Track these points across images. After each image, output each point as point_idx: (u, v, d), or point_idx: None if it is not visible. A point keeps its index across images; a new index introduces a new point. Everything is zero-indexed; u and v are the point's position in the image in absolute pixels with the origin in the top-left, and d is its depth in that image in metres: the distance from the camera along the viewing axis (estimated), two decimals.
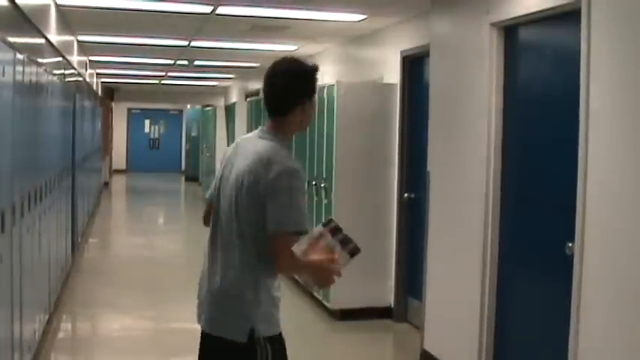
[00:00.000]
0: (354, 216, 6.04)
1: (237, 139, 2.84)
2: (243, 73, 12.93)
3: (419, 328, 5.40)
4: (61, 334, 5.74)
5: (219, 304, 2.62)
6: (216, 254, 2.64)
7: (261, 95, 2.50)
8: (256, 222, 2.52)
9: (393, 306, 6.28)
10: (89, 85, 11.72)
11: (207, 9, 6.24)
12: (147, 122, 23.48)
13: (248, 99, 11.28)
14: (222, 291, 2.59)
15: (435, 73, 5.03)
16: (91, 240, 10.21)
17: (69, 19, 7.17)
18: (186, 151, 21.83)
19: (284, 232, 2.49)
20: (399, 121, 6.23)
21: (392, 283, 6.29)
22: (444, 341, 4.86)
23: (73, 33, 8.19)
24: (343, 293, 6.05)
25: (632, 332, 3.02)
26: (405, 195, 6.15)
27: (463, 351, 4.52)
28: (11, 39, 3.96)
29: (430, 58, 5.08)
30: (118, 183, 19.73)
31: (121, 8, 6.26)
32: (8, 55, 3.62)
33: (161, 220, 14.24)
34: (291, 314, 6.70)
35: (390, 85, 6.38)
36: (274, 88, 2.64)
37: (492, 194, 4.28)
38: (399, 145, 6.24)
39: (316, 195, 6.50)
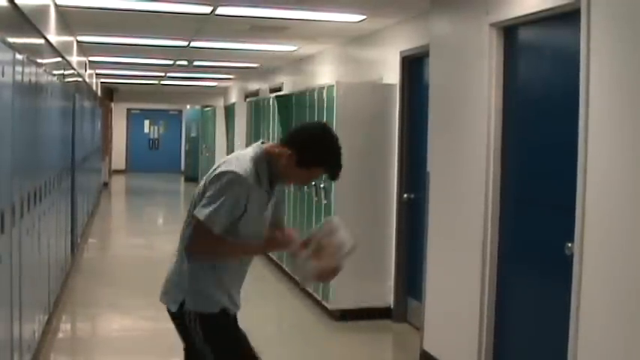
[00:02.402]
0: (354, 216, 6.03)
1: None
2: (242, 73, 12.93)
3: (419, 328, 5.40)
4: (60, 335, 5.73)
5: (168, 275, 2.97)
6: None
7: (261, 96, 2.53)
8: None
9: (392, 306, 6.28)
10: (89, 86, 11.72)
11: (207, 9, 6.24)
12: (146, 122, 23.46)
13: (247, 99, 11.27)
14: (172, 266, 2.97)
15: (435, 73, 5.03)
16: (90, 240, 10.20)
17: (68, 20, 7.17)
18: (186, 152, 21.80)
19: (199, 220, 2.78)
20: (399, 121, 6.23)
21: (392, 283, 6.29)
22: (443, 341, 4.86)
23: (72, 33, 8.19)
24: (343, 293, 6.05)
25: (632, 332, 3.02)
26: (405, 195, 6.15)
27: (463, 351, 4.52)
28: (11, 39, 3.96)
29: (430, 58, 5.08)
30: (118, 183, 19.72)
31: (121, 9, 6.26)
32: (8, 56, 3.62)
33: (160, 221, 14.23)
34: (291, 315, 6.72)
35: (390, 86, 6.38)
36: (302, 131, 2.95)
37: (492, 194, 4.28)
38: (398, 145, 6.24)
39: (316, 195, 6.50)
